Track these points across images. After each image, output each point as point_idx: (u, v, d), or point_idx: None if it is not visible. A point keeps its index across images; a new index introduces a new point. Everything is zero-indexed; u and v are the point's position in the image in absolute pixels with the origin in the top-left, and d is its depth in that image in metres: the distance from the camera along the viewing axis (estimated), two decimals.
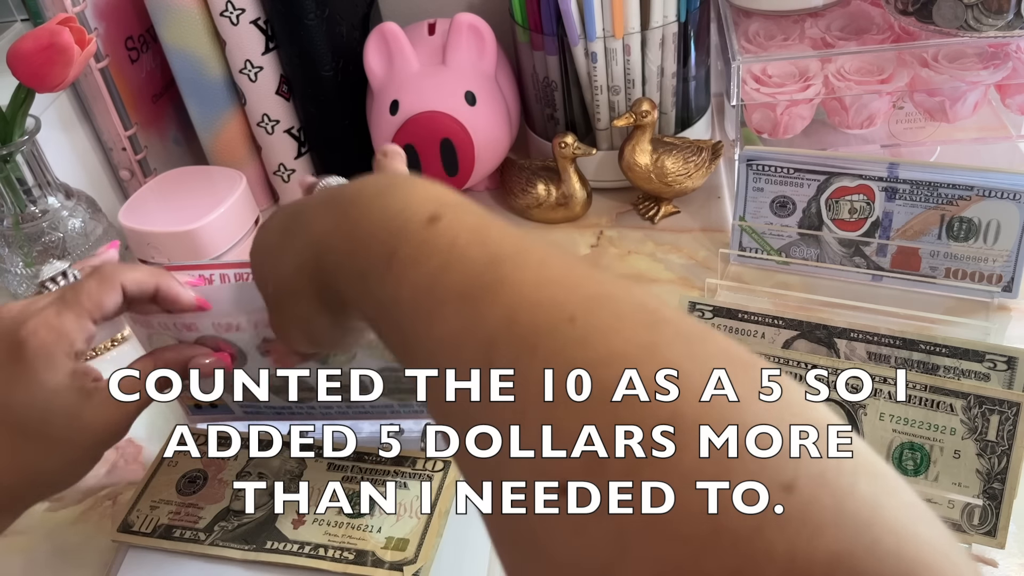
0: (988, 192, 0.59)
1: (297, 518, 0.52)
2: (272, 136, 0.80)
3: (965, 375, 0.51)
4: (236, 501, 0.54)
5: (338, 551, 0.50)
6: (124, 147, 0.79)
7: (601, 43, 0.72)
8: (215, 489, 0.55)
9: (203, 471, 0.56)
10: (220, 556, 0.51)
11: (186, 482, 0.56)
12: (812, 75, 0.69)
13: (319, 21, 0.74)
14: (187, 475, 0.56)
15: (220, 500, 0.54)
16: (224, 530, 0.52)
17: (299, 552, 0.51)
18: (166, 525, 0.53)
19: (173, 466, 0.57)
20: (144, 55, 0.82)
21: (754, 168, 0.65)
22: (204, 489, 0.55)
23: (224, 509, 0.54)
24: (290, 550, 0.51)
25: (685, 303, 0.57)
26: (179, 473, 0.56)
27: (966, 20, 0.64)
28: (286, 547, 0.51)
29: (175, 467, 0.57)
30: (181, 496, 0.55)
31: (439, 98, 0.71)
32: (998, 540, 0.47)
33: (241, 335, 0.50)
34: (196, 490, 0.55)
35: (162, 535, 0.53)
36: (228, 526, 0.53)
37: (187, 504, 0.54)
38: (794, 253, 0.67)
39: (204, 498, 0.55)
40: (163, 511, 0.54)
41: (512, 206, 0.79)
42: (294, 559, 0.50)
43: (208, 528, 0.53)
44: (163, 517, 0.54)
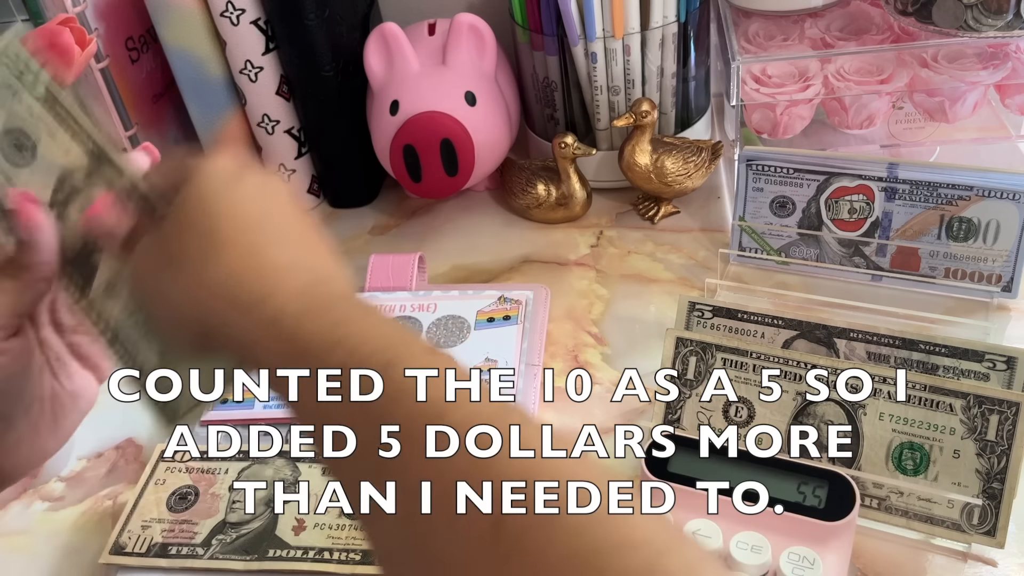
0: (988, 192, 0.59)
1: (297, 524, 0.52)
2: (272, 136, 0.80)
3: (965, 375, 0.51)
4: (232, 513, 0.53)
5: (343, 552, 0.50)
6: (124, 147, 0.79)
7: (601, 43, 0.72)
8: (208, 504, 0.54)
9: (193, 487, 0.55)
10: (222, 569, 0.50)
11: (176, 499, 0.55)
12: (812, 75, 0.69)
13: (319, 21, 0.74)
14: (177, 492, 0.55)
15: (215, 514, 0.54)
16: (223, 543, 0.52)
17: (303, 557, 0.50)
18: (160, 543, 0.52)
19: (160, 484, 0.56)
20: (144, 55, 0.82)
21: (754, 168, 0.65)
22: (197, 504, 0.54)
23: (220, 522, 0.53)
24: (294, 556, 0.50)
25: (685, 303, 0.57)
26: (167, 491, 0.55)
27: (966, 20, 0.64)
28: (289, 554, 0.50)
29: (163, 485, 0.56)
30: (173, 513, 0.54)
31: (439, 98, 0.71)
32: (997, 540, 0.47)
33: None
34: (188, 506, 0.54)
35: (157, 554, 0.52)
36: (226, 539, 0.52)
37: (180, 521, 0.53)
38: (794, 253, 0.67)
39: (197, 513, 0.54)
40: (155, 529, 0.53)
41: (512, 206, 0.79)
42: (299, 564, 0.50)
43: (206, 543, 0.52)
44: (156, 536, 0.53)
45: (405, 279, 0.70)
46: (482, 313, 0.66)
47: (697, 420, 0.53)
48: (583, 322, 0.67)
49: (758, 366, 0.52)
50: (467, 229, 0.79)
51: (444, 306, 0.67)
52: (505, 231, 0.78)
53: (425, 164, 0.71)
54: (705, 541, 0.46)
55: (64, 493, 0.59)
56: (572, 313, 0.68)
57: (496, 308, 0.66)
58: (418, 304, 0.68)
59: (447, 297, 0.68)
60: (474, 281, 0.73)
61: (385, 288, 0.70)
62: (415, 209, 0.83)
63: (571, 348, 0.65)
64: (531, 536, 0.27)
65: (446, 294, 0.68)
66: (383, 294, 0.69)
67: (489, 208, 0.82)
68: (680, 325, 0.57)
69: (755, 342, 0.55)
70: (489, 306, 0.67)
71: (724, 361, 0.53)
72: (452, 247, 0.77)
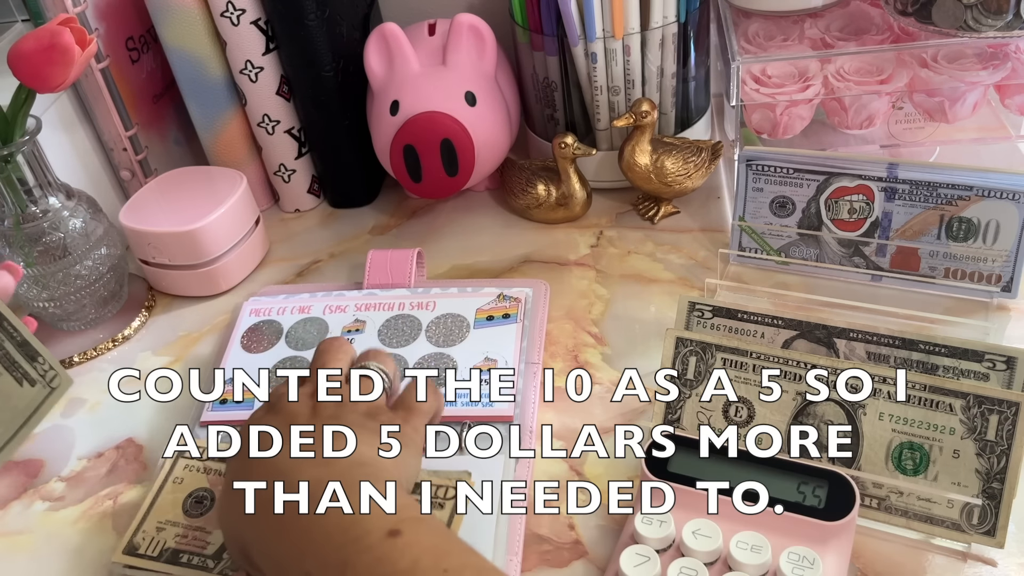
0: (987, 192, 0.59)
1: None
2: (272, 136, 0.81)
3: (964, 375, 0.51)
4: None
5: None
6: (125, 147, 0.79)
7: (601, 44, 0.72)
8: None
9: (210, 491, 0.55)
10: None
11: (193, 502, 0.54)
12: (811, 75, 0.69)
13: (319, 21, 0.74)
14: (193, 495, 0.55)
15: None
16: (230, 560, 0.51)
17: None
18: (173, 549, 0.52)
19: (179, 483, 0.55)
20: (145, 55, 0.82)
21: (754, 168, 0.65)
22: (211, 511, 0.53)
23: None
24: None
25: (685, 303, 0.57)
26: (185, 492, 0.55)
27: (965, 20, 0.64)
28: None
29: (181, 484, 0.55)
30: (188, 518, 0.53)
31: (439, 98, 0.71)
32: (997, 540, 0.47)
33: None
34: (203, 511, 0.53)
35: (169, 560, 0.51)
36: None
37: (194, 527, 0.53)
38: (794, 253, 0.67)
39: (211, 521, 0.53)
40: (169, 533, 0.52)
41: (512, 206, 0.79)
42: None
43: (217, 555, 0.51)
44: (169, 540, 0.52)
45: (403, 276, 0.70)
46: (481, 311, 0.66)
47: (697, 420, 0.53)
48: (583, 322, 0.67)
49: (758, 366, 0.52)
50: (467, 229, 0.79)
51: (443, 304, 0.67)
52: (505, 231, 0.78)
53: (425, 164, 0.71)
54: (705, 541, 0.46)
55: (64, 493, 0.59)
56: (572, 313, 0.68)
57: (495, 306, 0.66)
58: (417, 302, 0.68)
59: (446, 295, 0.68)
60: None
61: (383, 285, 0.70)
62: (415, 209, 0.83)
63: (571, 348, 0.65)
64: None
65: (445, 292, 0.68)
66: (381, 291, 0.69)
67: (489, 208, 0.82)
68: (680, 325, 0.57)
69: (755, 342, 0.55)
70: (488, 304, 0.67)
71: (724, 361, 0.53)
72: (452, 247, 0.77)
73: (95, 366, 0.70)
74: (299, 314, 0.68)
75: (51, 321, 0.72)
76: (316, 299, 0.70)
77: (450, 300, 0.67)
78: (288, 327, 0.67)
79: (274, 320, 0.68)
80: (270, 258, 0.79)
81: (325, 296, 0.70)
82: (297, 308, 0.69)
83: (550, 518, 0.53)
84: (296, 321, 0.68)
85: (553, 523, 0.53)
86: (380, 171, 0.84)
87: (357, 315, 0.67)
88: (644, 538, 0.47)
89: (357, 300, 0.69)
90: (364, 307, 0.68)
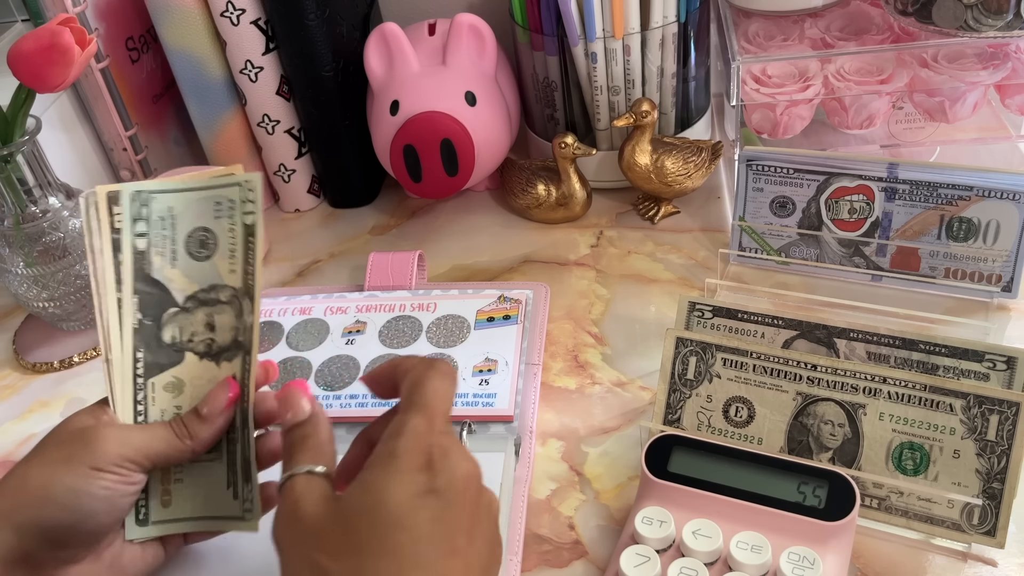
0: (987, 192, 0.59)
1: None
2: (272, 136, 0.81)
3: (965, 375, 0.51)
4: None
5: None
6: (125, 147, 0.79)
7: (601, 43, 0.72)
8: None
9: None
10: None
11: None
12: (812, 75, 0.69)
13: (319, 21, 0.74)
14: None
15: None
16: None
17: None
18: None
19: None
20: (144, 55, 0.82)
21: (754, 168, 0.65)
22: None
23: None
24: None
25: (685, 303, 0.57)
26: None
27: (966, 20, 0.64)
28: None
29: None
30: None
31: (439, 98, 0.71)
32: (997, 540, 0.47)
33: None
34: None
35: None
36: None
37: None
38: (794, 253, 0.67)
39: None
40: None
41: (512, 206, 0.79)
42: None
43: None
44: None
45: (405, 278, 0.70)
46: (482, 313, 0.66)
47: (697, 420, 0.53)
48: (583, 322, 0.67)
49: (758, 366, 0.52)
50: (467, 229, 0.79)
51: (444, 306, 0.67)
52: (505, 231, 0.78)
53: (425, 164, 0.71)
54: (705, 541, 0.46)
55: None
56: (572, 313, 0.68)
57: (496, 307, 0.66)
58: (418, 304, 0.68)
59: (447, 296, 0.68)
60: (474, 281, 0.73)
61: (384, 287, 0.70)
62: (415, 209, 0.83)
63: (571, 348, 0.65)
64: None
65: (446, 293, 0.68)
66: (382, 293, 0.70)
67: (489, 208, 0.82)
68: (680, 325, 0.57)
69: (755, 342, 0.55)
70: (489, 305, 0.67)
71: (724, 361, 0.53)
72: (452, 247, 0.77)
73: (95, 366, 0.70)
74: (300, 315, 0.68)
75: (51, 321, 0.72)
76: (317, 300, 0.70)
77: (451, 301, 0.67)
78: (289, 328, 0.67)
79: (275, 321, 0.68)
80: (270, 258, 0.79)
81: (326, 297, 0.70)
82: (298, 309, 0.69)
83: (550, 518, 0.53)
84: (297, 322, 0.68)
85: (553, 523, 0.53)
86: (380, 171, 0.84)
87: (358, 316, 0.67)
88: (644, 538, 0.47)
89: (358, 301, 0.69)
90: (365, 308, 0.68)
